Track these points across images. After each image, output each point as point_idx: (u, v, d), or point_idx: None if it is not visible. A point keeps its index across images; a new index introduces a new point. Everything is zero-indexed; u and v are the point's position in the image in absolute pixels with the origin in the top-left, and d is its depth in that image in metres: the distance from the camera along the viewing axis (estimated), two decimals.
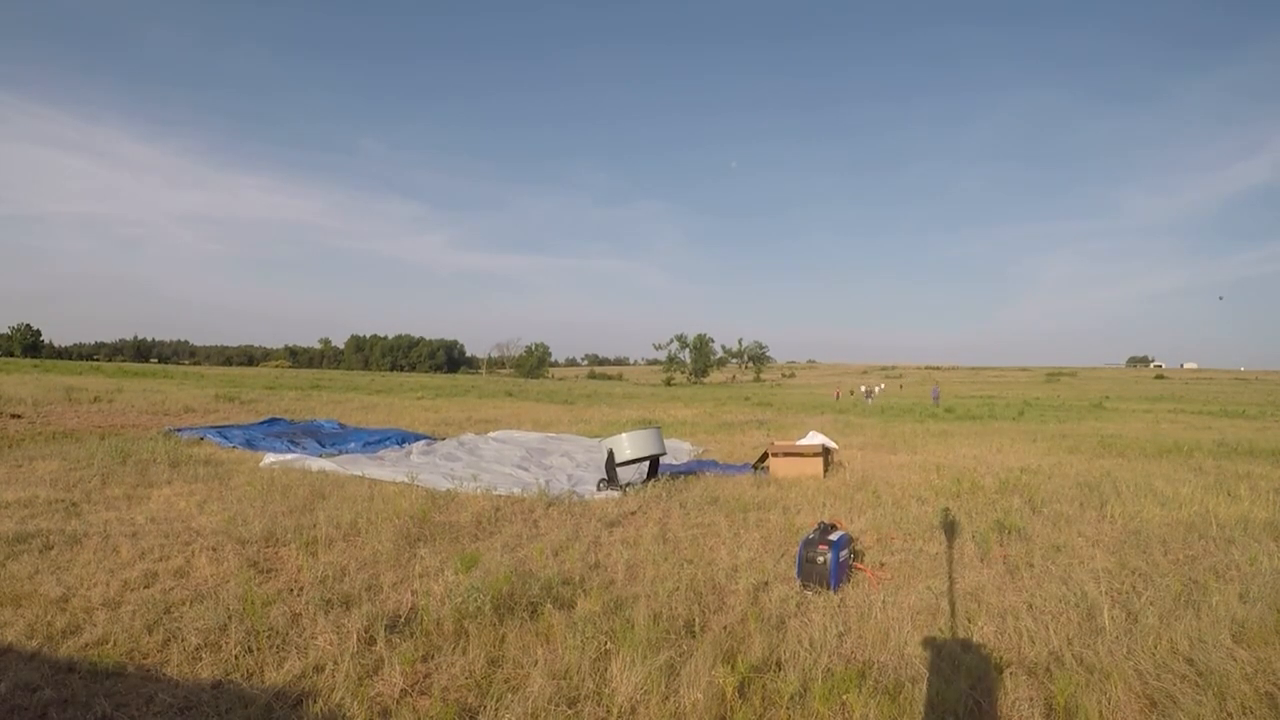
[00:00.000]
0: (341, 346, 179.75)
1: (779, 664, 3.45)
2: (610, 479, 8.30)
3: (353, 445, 11.50)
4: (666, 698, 3.03)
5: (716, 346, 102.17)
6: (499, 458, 10.97)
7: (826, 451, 9.93)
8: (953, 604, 4.38)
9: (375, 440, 12.09)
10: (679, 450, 12.73)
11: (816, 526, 5.03)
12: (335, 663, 3.32)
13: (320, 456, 9.79)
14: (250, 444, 10.89)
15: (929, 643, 3.75)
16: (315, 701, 2.99)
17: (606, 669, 3.30)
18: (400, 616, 3.89)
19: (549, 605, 4.09)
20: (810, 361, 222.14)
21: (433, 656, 3.45)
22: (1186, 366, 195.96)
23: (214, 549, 5.12)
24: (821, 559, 4.64)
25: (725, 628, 3.90)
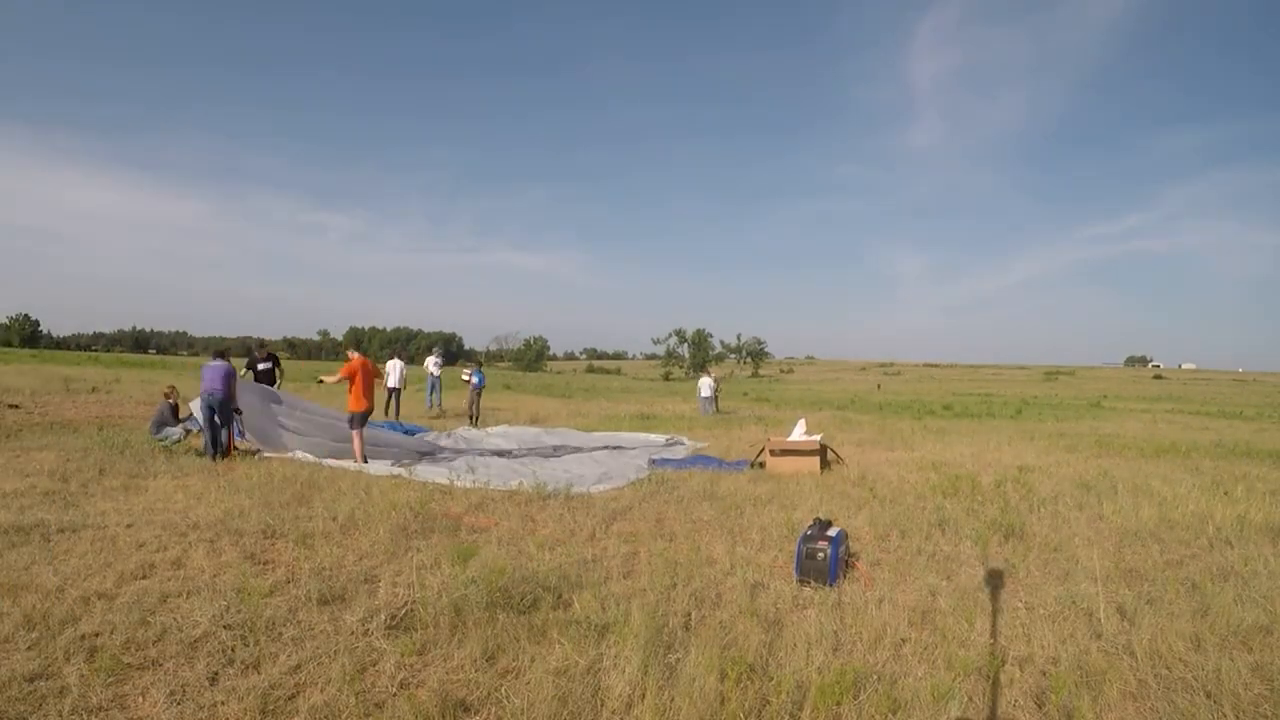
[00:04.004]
0: (340, 338, 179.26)
1: (775, 661, 3.46)
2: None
3: None
4: (662, 693, 3.04)
5: (715, 341, 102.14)
6: (497, 451, 10.99)
7: (824, 449, 9.93)
8: (950, 603, 4.38)
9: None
10: (677, 446, 12.74)
11: (813, 523, 5.04)
12: (331, 656, 3.32)
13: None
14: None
15: (925, 641, 3.76)
16: (311, 694, 2.99)
17: (602, 664, 3.30)
18: (397, 610, 3.89)
19: (545, 600, 4.10)
20: (809, 357, 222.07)
21: (429, 650, 3.45)
22: (1185, 367, 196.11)
23: (211, 541, 5.13)
24: (821, 555, 4.65)
25: (722, 624, 3.90)
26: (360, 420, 9.26)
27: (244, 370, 11.65)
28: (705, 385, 22.30)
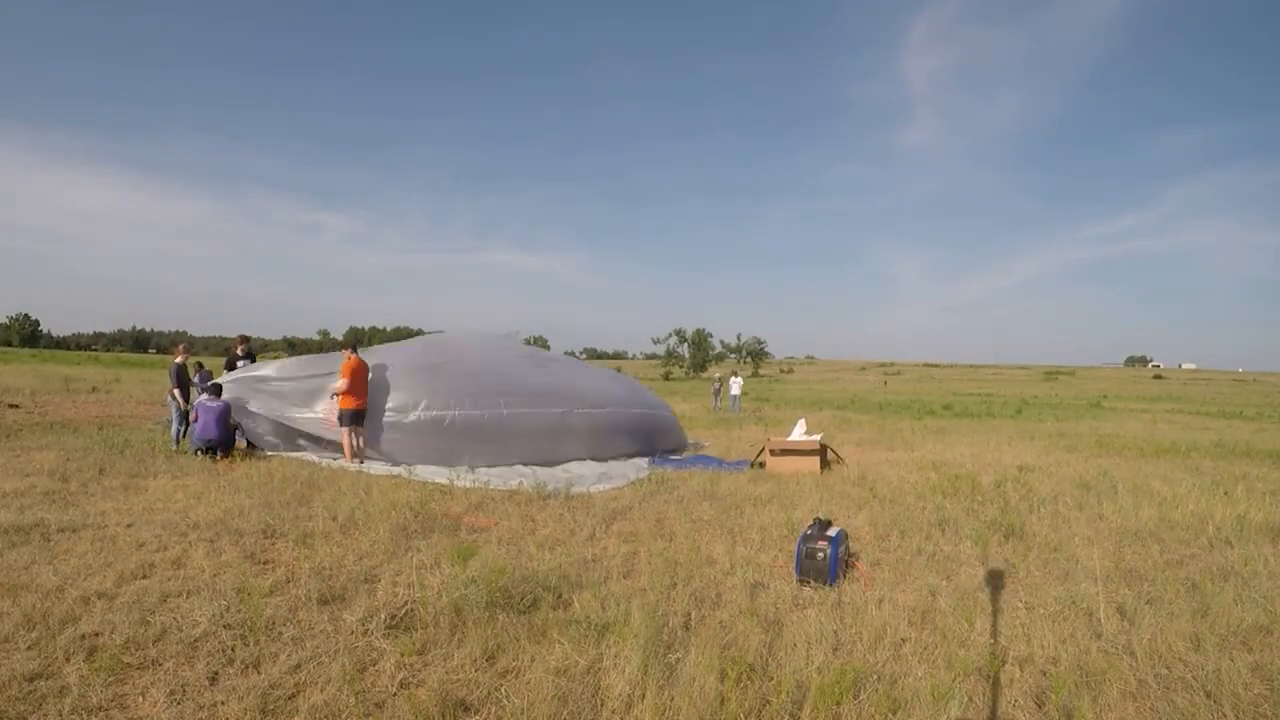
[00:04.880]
0: (340, 338, 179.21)
1: (775, 661, 3.45)
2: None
3: None
4: (662, 693, 3.04)
5: (715, 341, 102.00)
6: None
7: (823, 449, 9.93)
8: (950, 603, 4.38)
9: None
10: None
11: (813, 522, 5.03)
12: (331, 655, 3.32)
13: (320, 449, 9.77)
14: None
15: (925, 641, 3.76)
16: (311, 694, 2.99)
17: (602, 664, 3.30)
18: (397, 610, 3.89)
19: (545, 600, 4.10)
20: (809, 357, 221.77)
21: (429, 650, 3.45)
22: (1185, 367, 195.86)
23: (211, 541, 5.12)
24: (821, 554, 4.65)
25: (722, 624, 3.90)
26: (350, 418, 8.98)
27: (223, 369, 11.54)
28: (735, 384, 24.63)
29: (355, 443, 8.98)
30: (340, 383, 8.93)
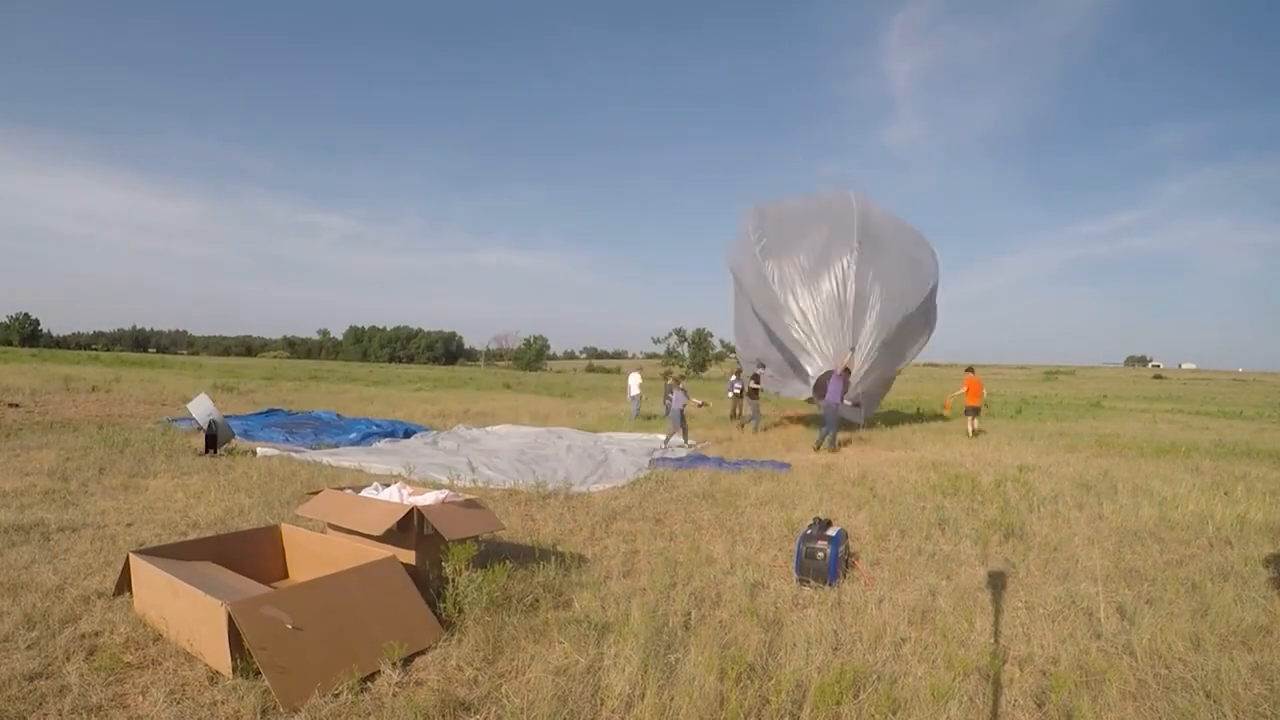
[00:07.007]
0: (340, 338, 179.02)
1: (775, 660, 3.45)
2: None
3: (352, 436, 11.49)
4: (662, 693, 3.04)
5: (715, 341, 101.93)
6: (496, 450, 10.98)
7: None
8: (950, 603, 4.38)
9: (373, 432, 12.08)
10: (676, 446, 12.73)
11: (813, 522, 5.03)
12: None
13: (316, 448, 9.78)
14: (248, 435, 10.88)
15: (925, 641, 3.76)
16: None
17: (602, 664, 3.30)
18: None
19: (545, 600, 4.10)
20: None
21: (429, 650, 3.45)
22: (1185, 367, 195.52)
23: None
24: (821, 554, 4.65)
25: (721, 623, 3.90)
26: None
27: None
28: (633, 383, 18.90)
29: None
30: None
